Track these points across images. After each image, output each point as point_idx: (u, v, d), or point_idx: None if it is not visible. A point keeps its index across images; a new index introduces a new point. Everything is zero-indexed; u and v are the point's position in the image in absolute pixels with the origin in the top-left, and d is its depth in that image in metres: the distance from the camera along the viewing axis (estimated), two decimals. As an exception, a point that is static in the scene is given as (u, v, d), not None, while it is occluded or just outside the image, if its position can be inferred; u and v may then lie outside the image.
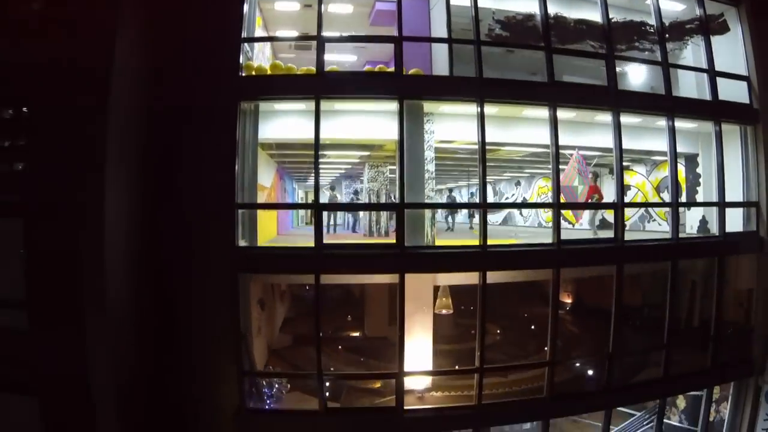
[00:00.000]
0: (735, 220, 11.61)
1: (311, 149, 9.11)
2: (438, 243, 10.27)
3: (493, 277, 9.43)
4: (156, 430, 9.29)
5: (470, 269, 9.41)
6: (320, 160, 9.21)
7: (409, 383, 9.53)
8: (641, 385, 10.91)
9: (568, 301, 13.66)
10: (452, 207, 10.50)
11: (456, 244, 10.12)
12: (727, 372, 11.65)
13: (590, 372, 10.75)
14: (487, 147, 9.53)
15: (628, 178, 13.78)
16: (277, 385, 9.85)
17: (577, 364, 10.96)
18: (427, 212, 9.97)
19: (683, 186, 12.77)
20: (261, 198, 11.46)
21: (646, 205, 14.33)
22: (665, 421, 11.54)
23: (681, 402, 13.04)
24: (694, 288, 12.25)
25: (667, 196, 11.98)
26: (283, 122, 10.22)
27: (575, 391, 10.41)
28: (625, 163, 11.54)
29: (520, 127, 10.82)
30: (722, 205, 11.19)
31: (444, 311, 11.75)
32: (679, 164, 11.21)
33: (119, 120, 8.04)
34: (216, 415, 9.22)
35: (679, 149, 11.10)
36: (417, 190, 9.65)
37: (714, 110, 11.22)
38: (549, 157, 9.90)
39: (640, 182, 13.99)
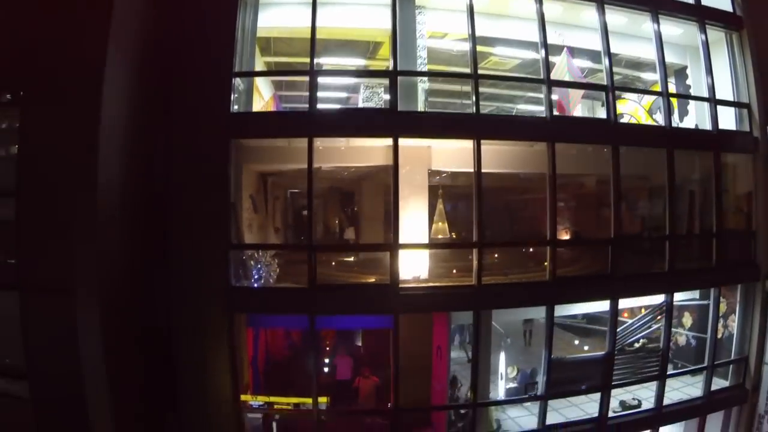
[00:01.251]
0: (728, 125, 11.62)
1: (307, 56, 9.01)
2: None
3: (487, 157, 9.26)
4: (144, 313, 8.95)
5: (464, 135, 9.23)
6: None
7: (404, 275, 9.13)
8: (647, 277, 10.55)
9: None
10: (444, 76, 10.36)
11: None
12: (733, 273, 11.33)
13: (593, 262, 10.39)
14: (478, 50, 9.48)
15: (621, 107, 13.84)
16: (265, 268, 9.43)
17: (581, 256, 10.61)
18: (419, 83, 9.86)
19: (674, 103, 12.83)
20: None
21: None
22: (671, 345, 11.10)
23: (687, 320, 12.57)
24: (693, 198, 12.06)
25: (660, 117, 12.02)
26: (281, 11, 10.27)
27: (579, 276, 10.02)
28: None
29: (509, 22, 10.95)
30: (713, 101, 11.21)
31: (440, 236, 11.51)
32: (669, 83, 11.29)
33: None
34: (203, 293, 8.80)
35: (668, 59, 11.25)
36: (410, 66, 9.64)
37: (698, 12, 11.43)
38: (539, 71, 9.87)
39: (632, 109, 14.06)
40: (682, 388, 11.79)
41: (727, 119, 11.67)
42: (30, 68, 7.76)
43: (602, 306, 10.47)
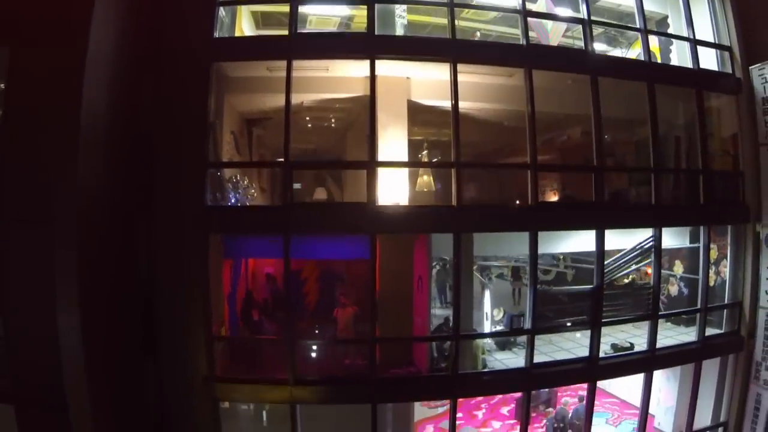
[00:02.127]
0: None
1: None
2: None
3: (465, 90, 9.18)
4: (124, 256, 8.82)
5: (440, 58, 9.20)
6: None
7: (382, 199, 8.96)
8: (633, 209, 10.37)
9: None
10: (420, 4, 10.32)
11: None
12: (722, 213, 11.14)
13: (578, 191, 10.22)
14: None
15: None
16: (242, 192, 9.31)
17: (565, 187, 10.43)
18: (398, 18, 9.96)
19: (657, 54, 12.88)
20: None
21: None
22: (661, 298, 10.80)
23: (678, 268, 12.29)
24: (679, 143, 11.98)
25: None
26: None
27: (562, 202, 9.83)
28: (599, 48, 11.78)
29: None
30: (694, 41, 11.24)
31: (425, 189, 11.44)
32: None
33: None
34: (180, 214, 8.68)
35: (647, 8, 11.35)
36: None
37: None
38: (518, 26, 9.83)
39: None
40: (676, 337, 11.45)
41: (709, 65, 11.66)
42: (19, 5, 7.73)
43: (588, 244, 10.22)
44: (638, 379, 13.64)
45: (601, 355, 10.12)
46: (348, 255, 9.78)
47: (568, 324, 10.08)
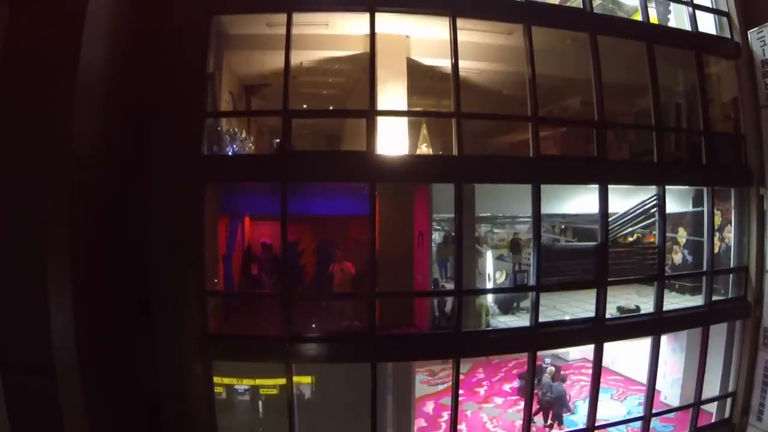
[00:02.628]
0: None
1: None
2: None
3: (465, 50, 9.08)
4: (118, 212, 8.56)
5: (440, 11, 9.08)
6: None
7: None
8: (635, 165, 10.24)
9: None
10: None
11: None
12: (725, 175, 11.02)
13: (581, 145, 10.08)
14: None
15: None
16: (239, 143, 9.14)
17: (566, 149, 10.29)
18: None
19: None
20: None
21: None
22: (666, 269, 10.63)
23: (682, 238, 12.11)
24: (680, 110, 11.92)
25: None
26: None
27: (565, 156, 9.68)
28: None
29: None
30: (693, 5, 11.26)
31: (424, 146, 11.29)
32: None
33: None
34: (173, 162, 8.47)
35: None
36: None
37: None
38: None
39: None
40: (683, 303, 11.22)
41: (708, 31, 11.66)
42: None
43: (590, 205, 10.04)
44: (643, 356, 13.53)
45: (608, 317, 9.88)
46: (347, 210, 9.57)
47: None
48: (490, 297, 10.28)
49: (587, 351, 15.20)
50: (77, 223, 7.50)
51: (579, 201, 10.44)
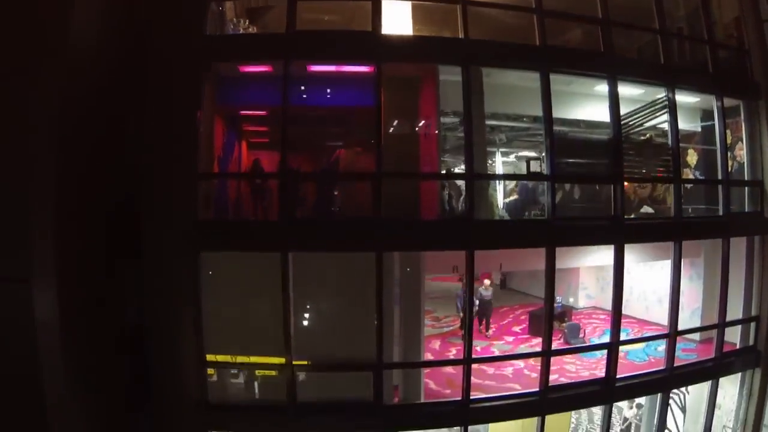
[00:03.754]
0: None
1: None
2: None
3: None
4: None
5: None
6: None
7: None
8: (643, 64, 10.00)
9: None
10: None
11: None
12: (732, 84, 10.81)
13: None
14: None
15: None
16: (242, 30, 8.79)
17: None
18: None
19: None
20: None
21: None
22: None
23: (692, 158, 11.79)
24: (682, 32, 11.83)
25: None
26: None
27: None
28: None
29: None
30: None
31: None
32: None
33: None
34: (174, 45, 8.01)
35: None
36: None
37: None
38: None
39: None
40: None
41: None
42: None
43: (600, 111, 9.71)
44: (654, 298, 12.99)
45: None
46: (351, 101, 9.15)
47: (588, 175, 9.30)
48: (500, 203, 9.73)
49: (597, 299, 14.69)
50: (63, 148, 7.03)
51: (589, 104, 10.12)
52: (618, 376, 9.61)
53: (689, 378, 10.42)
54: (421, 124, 9.17)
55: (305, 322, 8.47)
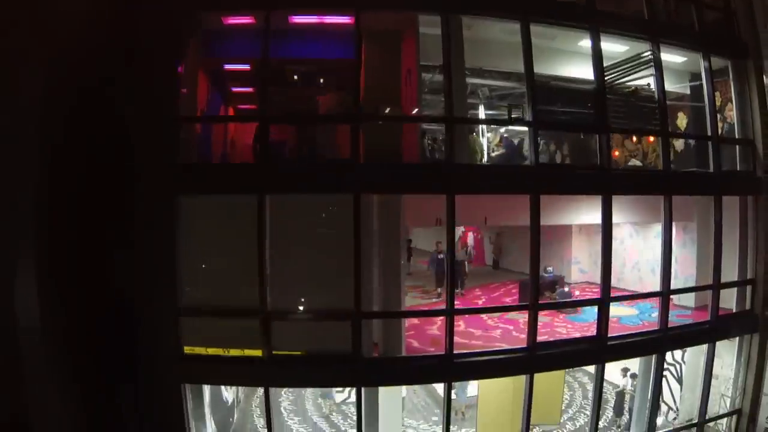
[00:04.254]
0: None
1: None
2: None
3: None
4: None
5: None
6: None
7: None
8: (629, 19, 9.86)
9: None
10: None
11: None
12: (720, 43, 10.71)
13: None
14: None
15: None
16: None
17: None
18: None
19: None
20: None
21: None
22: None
23: (682, 121, 11.64)
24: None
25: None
26: None
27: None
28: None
29: None
30: None
31: None
32: None
33: None
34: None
35: None
36: None
37: None
38: None
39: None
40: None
41: None
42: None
43: (583, 69, 9.60)
44: (647, 268, 12.68)
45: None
46: (333, 54, 9.07)
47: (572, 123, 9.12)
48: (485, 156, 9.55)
49: (590, 274, 14.36)
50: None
51: (572, 60, 10.03)
52: (610, 335, 9.28)
53: (684, 340, 10.08)
54: (402, 75, 9.03)
55: (282, 272, 8.18)
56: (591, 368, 10.69)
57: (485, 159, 9.94)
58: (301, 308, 8.32)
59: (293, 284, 8.35)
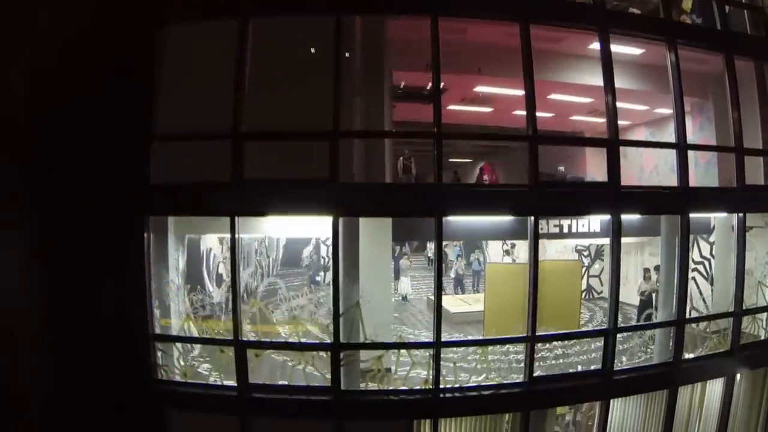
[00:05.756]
0: None
1: None
2: None
3: None
4: None
5: None
6: None
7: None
8: None
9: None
10: None
11: None
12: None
13: None
14: None
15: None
16: None
17: None
18: None
19: None
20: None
21: None
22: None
23: (687, 3, 10.99)
24: None
25: None
26: None
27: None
28: None
29: None
30: None
31: None
32: None
33: None
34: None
35: None
36: None
37: None
38: None
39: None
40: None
41: None
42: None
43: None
44: (665, 170, 11.69)
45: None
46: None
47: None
48: None
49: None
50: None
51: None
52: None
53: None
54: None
55: (258, 91, 7.62)
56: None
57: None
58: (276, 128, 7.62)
59: (269, 104, 7.79)
